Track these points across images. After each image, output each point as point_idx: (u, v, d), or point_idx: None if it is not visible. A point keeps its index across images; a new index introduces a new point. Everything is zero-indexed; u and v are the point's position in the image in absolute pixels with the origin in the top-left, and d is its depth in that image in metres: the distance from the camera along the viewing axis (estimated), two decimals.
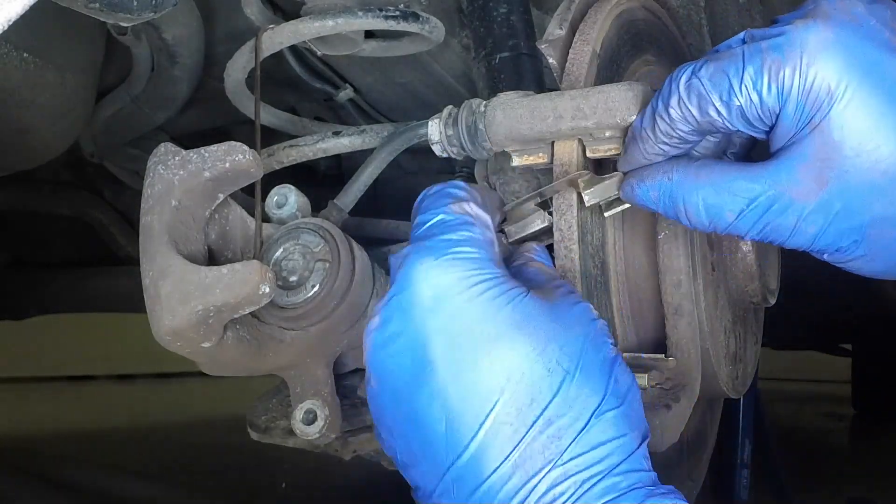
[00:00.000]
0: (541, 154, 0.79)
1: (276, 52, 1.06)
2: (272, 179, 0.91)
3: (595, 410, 0.62)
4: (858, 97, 0.63)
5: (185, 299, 0.69)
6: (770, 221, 0.67)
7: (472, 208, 0.70)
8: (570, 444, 0.60)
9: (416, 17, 1.06)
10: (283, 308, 0.81)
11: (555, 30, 0.81)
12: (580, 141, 0.77)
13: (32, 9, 0.57)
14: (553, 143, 0.78)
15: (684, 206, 0.70)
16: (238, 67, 1.09)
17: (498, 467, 0.60)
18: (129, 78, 1.38)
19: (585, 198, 0.75)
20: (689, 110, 0.68)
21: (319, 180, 1.77)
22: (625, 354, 0.82)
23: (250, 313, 0.75)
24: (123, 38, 1.25)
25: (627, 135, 0.74)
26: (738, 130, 0.68)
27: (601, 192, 0.75)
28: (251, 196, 0.85)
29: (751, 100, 0.65)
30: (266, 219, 0.86)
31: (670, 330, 0.81)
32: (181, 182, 0.75)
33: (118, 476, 2.71)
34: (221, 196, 0.79)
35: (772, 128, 0.67)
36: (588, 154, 0.77)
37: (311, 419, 0.82)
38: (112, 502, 2.45)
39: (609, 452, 0.61)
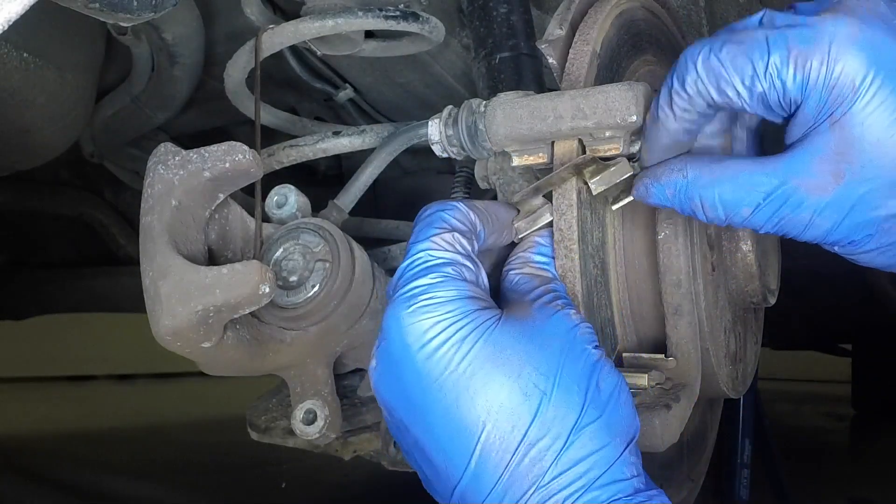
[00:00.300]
0: (541, 154, 0.79)
1: (276, 52, 1.06)
2: (272, 179, 0.91)
3: (573, 427, 0.64)
4: (882, 93, 0.64)
5: (184, 299, 0.69)
6: (785, 215, 0.68)
7: (455, 240, 0.71)
8: (550, 465, 0.63)
9: (416, 17, 1.06)
10: (283, 308, 0.81)
11: (555, 30, 0.81)
12: (580, 141, 0.77)
13: (32, 9, 0.57)
14: (553, 143, 0.78)
15: (701, 202, 0.70)
16: (238, 67, 1.09)
17: (490, 492, 0.63)
18: (129, 78, 1.38)
19: (592, 186, 0.75)
20: (707, 89, 0.68)
21: (319, 180, 1.77)
22: (625, 354, 0.82)
23: (250, 313, 0.75)
24: (123, 38, 1.25)
25: (647, 120, 0.74)
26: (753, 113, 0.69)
27: (608, 179, 0.75)
28: (251, 196, 0.85)
29: (774, 87, 0.65)
30: (266, 219, 0.86)
31: (670, 330, 0.81)
32: (181, 182, 0.75)
33: (118, 476, 2.71)
34: (221, 196, 0.79)
35: (790, 117, 0.68)
36: (588, 154, 0.77)
37: (311, 419, 0.82)
38: (112, 502, 2.45)
39: (589, 467, 0.63)
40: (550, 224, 0.77)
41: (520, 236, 0.79)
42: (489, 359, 0.65)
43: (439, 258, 0.70)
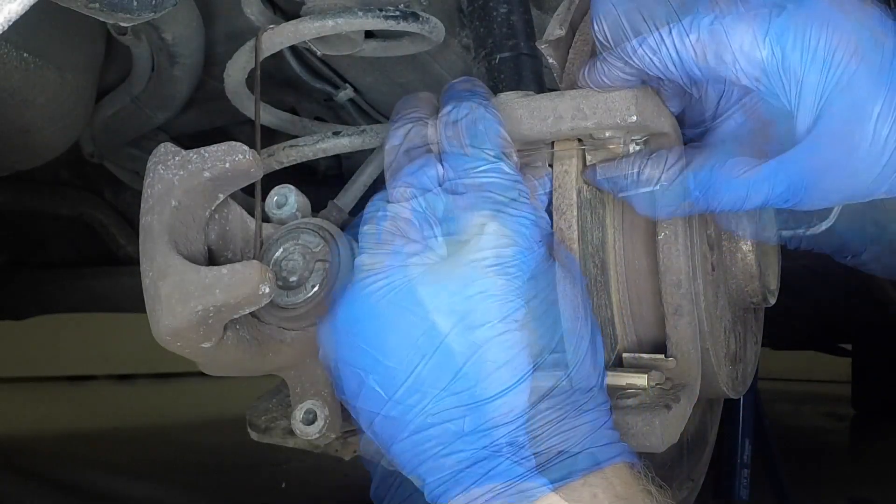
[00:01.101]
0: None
1: (276, 52, 1.06)
2: (272, 179, 0.91)
3: (437, 393, 0.66)
4: (868, 64, 0.65)
5: (184, 300, 0.69)
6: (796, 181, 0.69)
7: (412, 195, 0.73)
8: (406, 424, 0.67)
9: (416, 17, 1.06)
10: (283, 308, 0.81)
11: (555, 30, 0.81)
12: (580, 141, 0.77)
13: (32, 9, 0.57)
14: (553, 143, 0.78)
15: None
16: (238, 67, 1.09)
17: (363, 438, 0.71)
18: (129, 78, 1.38)
19: (600, 171, 0.75)
20: (704, 52, 0.69)
21: (319, 180, 1.77)
22: (625, 355, 0.82)
23: (250, 313, 0.75)
24: (123, 38, 1.25)
25: (600, 50, 0.74)
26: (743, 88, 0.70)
27: (615, 169, 0.75)
28: (251, 196, 0.85)
29: (773, 55, 0.67)
30: (266, 219, 0.86)
31: (670, 330, 0.81)
32: (181, 182, 0.75)
33: (118, 476, 2.71)
34: (221, 196, 0.79)
35: (797, 102, 0.68)
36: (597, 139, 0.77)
37: (311, 419, 0.82)
38: (112, 502, 2.45)
39: (436, 435, 0.66)
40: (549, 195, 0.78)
41: None
42: (386, 319, 0.68)
43: (383, 212, 0.73)
